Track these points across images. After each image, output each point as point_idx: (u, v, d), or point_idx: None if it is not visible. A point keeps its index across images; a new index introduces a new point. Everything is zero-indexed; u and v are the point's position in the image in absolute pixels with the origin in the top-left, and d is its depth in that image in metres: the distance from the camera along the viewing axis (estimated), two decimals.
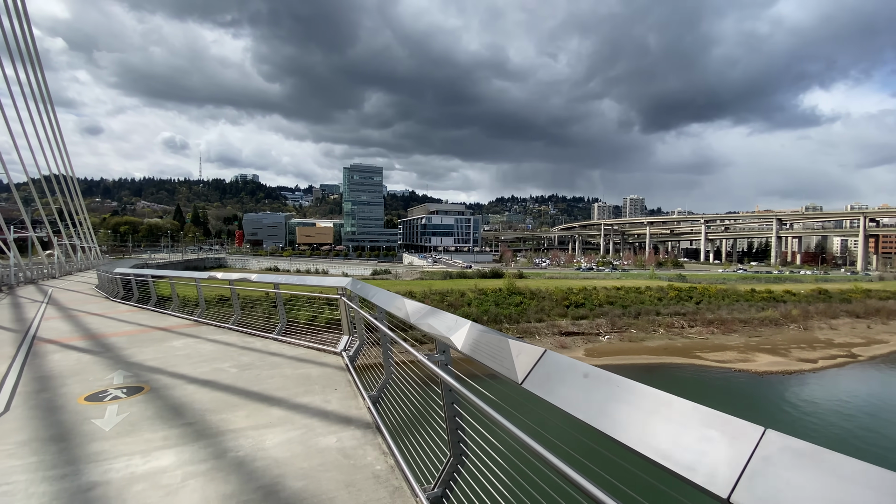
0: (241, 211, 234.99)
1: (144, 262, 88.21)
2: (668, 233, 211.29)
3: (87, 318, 11.20)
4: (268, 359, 6.57)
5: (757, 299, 76.69)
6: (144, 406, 4.61)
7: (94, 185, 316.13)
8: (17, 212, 40.70)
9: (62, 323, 10.52)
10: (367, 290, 5.09)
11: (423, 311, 3.26)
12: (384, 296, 4.38)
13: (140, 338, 8.45)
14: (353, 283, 6.19)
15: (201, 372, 5.86)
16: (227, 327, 9.40)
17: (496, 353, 2.03)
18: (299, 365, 6.17)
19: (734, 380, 48.17)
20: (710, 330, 66.12)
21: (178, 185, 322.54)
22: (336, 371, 5.82)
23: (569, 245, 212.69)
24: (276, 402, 4.63)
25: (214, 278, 10.14)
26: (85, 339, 8.53)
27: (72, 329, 9.61)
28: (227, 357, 6.71)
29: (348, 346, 6.65)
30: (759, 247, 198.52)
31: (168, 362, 6.44)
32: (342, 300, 6.63)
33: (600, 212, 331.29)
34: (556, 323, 64.06)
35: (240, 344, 7.74)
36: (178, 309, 11.88)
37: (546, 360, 1.81)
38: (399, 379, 4.30)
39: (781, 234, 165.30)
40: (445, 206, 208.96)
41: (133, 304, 14.26)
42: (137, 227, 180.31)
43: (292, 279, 8.03)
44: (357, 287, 5.70)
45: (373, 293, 4.74)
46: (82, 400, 4.86)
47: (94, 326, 9.96)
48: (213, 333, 8.82)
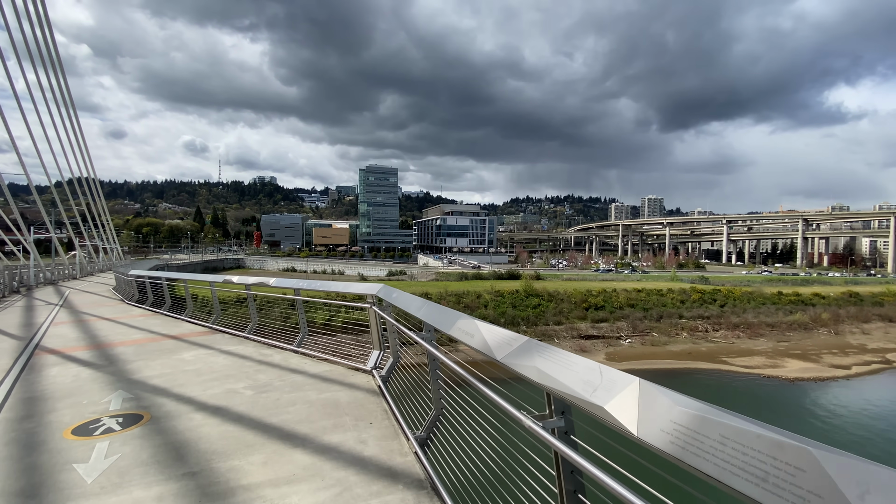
0: (259, 212, 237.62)
1: (165, 263, 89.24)
2: (688, 234, 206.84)
3: (97, 324, 10.55)
4: (288, 377, 5.73)
5: (784, 302, 74.03)
6: (140, 444, 3.77)
7: (118, 187, 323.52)
8: (48, 213, 41.21)
9: (70, 329, 9.87)
10: (408, 301, 4.21)
11: (518, 344, 2.23)
12: (436, 312, 3.48)
13: (148, 348, 7.70)
14: (385, 289, 5.32)
15: (212, 395, 5.03)
16: (242, 336, 8.61)
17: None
18: (324, 386, 5.30)
19: (764, 386, 46.22)
20: (735, 334, 63.94)
21: (198, 188, 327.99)
22: (368, 396, 4.93)
23: (585, 246, 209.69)
24: (300, 442, 3.74)
25: (230, 282, 9.38)
26: (90, 348, 7.83)
27: (78, 337, 8.95)
28: (242, 374, 5.89)
29: (379, 364, 5.78)
30: (783, 248, 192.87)
31: (175, 380, 5.64)
32: (372, 310, 5.78)
33: (617, 212, 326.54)
34: (575, 326, 62.65)
35: (256, 357, 6.93)
36: (192, 314, 11.18)
37: None
38: (454, 416, 3.39)
39: (808, 234, 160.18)
40: (460, 207, 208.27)
41: (147, 307, 13.66)
42: (159, 228, 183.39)
43: (314, 284, 7.21)
44: (392, 296, 4.82)
45: (416, 306, 3.86)
46: (69, 433, 4.06)
47: (102, 334, 9.29)
48: (228, 343, 8.03)
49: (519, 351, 2.11)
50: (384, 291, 5.29)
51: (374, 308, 5.68)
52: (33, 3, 23.27)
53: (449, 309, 3.31)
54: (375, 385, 5.30)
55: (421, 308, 3.73)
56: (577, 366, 1.71)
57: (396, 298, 4.61)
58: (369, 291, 5.73)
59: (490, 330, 2.56)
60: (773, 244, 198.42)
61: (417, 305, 3.83)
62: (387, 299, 5.06)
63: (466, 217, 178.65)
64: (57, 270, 33.87)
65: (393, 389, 4.92)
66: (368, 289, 5.77)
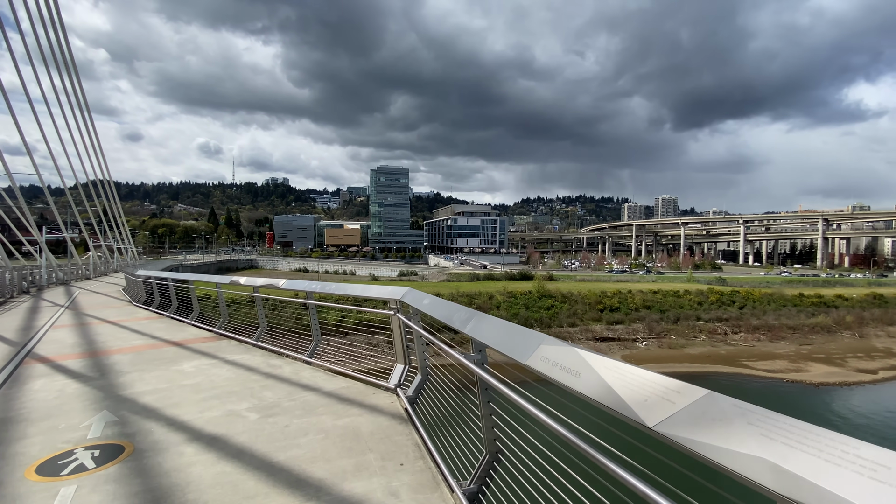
0: (271, 213, 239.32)
1: (179, 264, 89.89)
2: (703, 234, 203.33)
3: (99, 328, 9.91)
4: (298, 395, 4.93)
5: (806, 304, 71.90)
6: (114, 490, 2.98)
7: (135, 189, 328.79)
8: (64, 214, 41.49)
9: (69, 334, 9.24)
10: (447, 311, 3.38)
11: (692, 400, 1.37)
12: (497, 330, 2.62)
13: (147, 356, 6.98)
14: (411, 294, 4.53)
15: (209, 418, 4.26)
16: (250, 342, 7.87)
17: None
18: (341, 409, 4.49)
19: (787, 391, 44.66)
20: (755, 337, 62.11)
21: (212, 189, 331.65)
22: (393, 422, 4.11)
23: (598, 246, 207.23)
24: (314, 492, 2.89)
25: (237, 284, 8.65)
26: (85, 356, 7.14)
27: (76, 342, 8.29)
28: (246, 390, 5.12)
29: (404, 381, 4.98)
30: (802, 248, 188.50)
31: (170, 398, 4.88)
32: (396, 317, 4.96)
33: (630, 212, 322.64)
34: (589, 328, 61.45)
35: (263, 368, 6.16)
36: (198, 318, 10.50)
37: None
38: (515, 462, 2.55)
39: (828, 234, 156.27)
40: (471, 208, 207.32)
41: (153, 309, 13.06)
42: (174, 229, 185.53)
43: (329, 287, 6.41)
44: (422, 303, 4.00)
45: (461, 318, 2.96)
46: (32, 472, 3.29)
47: (101, 339, 8.63)
48: (234, 351, 7.28)
49: (696, 414, 1.26)
50: (411, 296, 4.48)
51: (399, 316, 4.86)
52: (47, 8, 23.04)
53: (517, 326, 2.47)
54: (401, 407, 4.49)
55: (469, 322, 2.86)
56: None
57: (429, 306, 3.79)
58: (393, 296, 4.91)
59: (616, 368, 1.62)
60: (791, 245, 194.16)
61: (463, 317, 2.96)
62: (414, 306, 4.26)
63: (477, 217, 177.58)
64: (70, 271, 33.76)
65: (423, 414, 4.10)
66: (391, 293, 4.96)
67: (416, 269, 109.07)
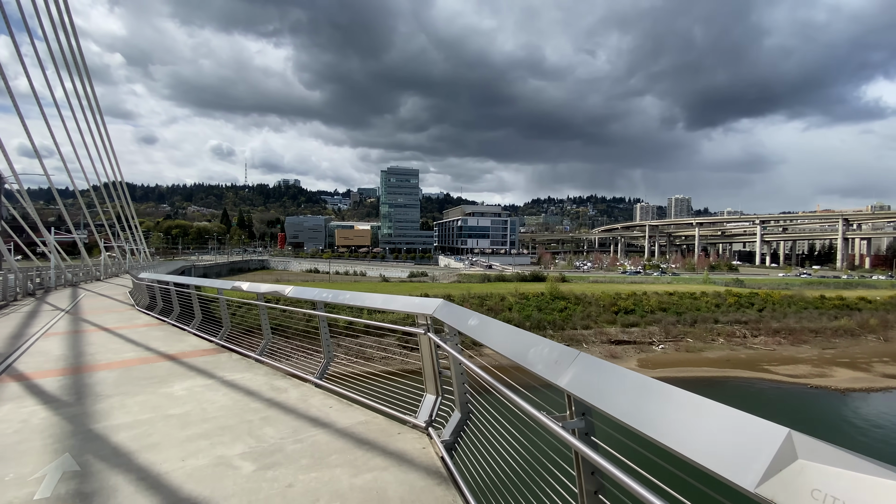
0: (283, 214, 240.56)
1: (191, 265, 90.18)
2: (718, 234, 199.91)
3: (92, 337, 9.10)
4: (306, 433, 3.98)
5: (828, 307, 69.76)
6: None
7: (150, 191, 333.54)
8: (78, 216, 41.58)
9: (59, 344, 8.43)
10: (520, 344, 2.37)
11: None
12: (606, 378, 1.60)
13: (135, 374, 6.11)
14: (445, 309, 3.67)
15: (192, 470, 3.32)
16: (253, 357, 6.97)
17: None
18: (360, 456, 3.50)
19: (813, 397, 42.97)
20: (776, 340, 60.26)
21: (225, 191, 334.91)
22: (429, 482, 3.09)
23: (610, 247, 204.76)
24: None
25: (239, 290, 7.78)
26: (67, 372, 6.30)
27: (62, 355, 7.46)
28: (243, 425, 4.18)
29: (437, 416, 4.06)
30: (821, 249, 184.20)
31: (149, 436, 3.96)
32: (426, 337, 3.97)
33: (643, 213, 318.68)
34: (604, 330, 60.17)
35: (266, 393, 5.24)
36: (199, 326, 9.67)
37: None
38: None
39: (848, 235, 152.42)
40: (482, 208, 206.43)
41: (155, 315, 12.29)
42: (188, 230, 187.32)
43: (343, 296, 5.49)
44: (466, 324, 3.04)
45: (550, 359, 1.95)
46: None
47: (91, 350, 7.80)
48: (234, 368, 6.38)
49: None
50: (446, 312, 3.54)
51: (431, 336, 3.87)
52: (58, 12, 22.71)
53: (651, 380, 1.50)
54: (436, 454, 3.52)
55: (566, 369, 1.91)
56: None
57: (477, 329, 2.83)
58: (422, 310, 3.97)
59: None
60: (809, 245, 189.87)
61: (552, 358, 2.01)
62: (453, 325, 3.32)
63: (488, 218, 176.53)
64: (80, 272, 33.49)
65: (467, 468, 3.13)
66: (420, 306, 4.03)
67: (426, 270, 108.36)
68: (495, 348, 2.46)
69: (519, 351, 2.24)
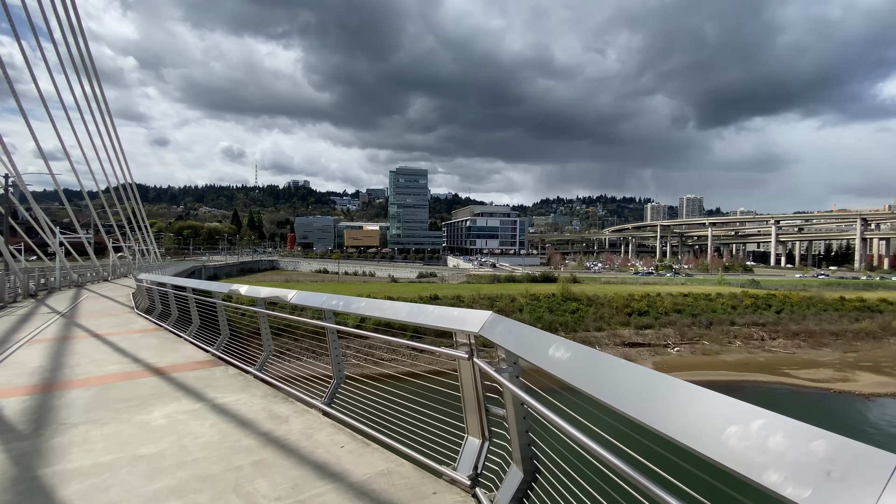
0: (293, 215, 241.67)
1: (202, 265, 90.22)
2: (731, 234, 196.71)
3: (79, 346, 8.37)
4: (311, 492, 3.07)
5: (848, 309, 67.81)
6: None
7: (163, 192, 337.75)
8: (89, 217, 41.59)
9: (40, 353, 7.70)
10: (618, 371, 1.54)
11: None
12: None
13: (113, 394, 5.30)
14: (500, 325, 2.73)
15: None
16: (252, 372, 6.16)
17: None
18: None
19: (837, 403, 41.45)
20: (795, 343, 58.58)
21: (235, 192, 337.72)
22: None
23: (621, 248, 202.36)
24: None
25: (237, 293, 6.95)
26: (38, 390, 5.51)
27: (39, 367, 6.71)
28: (230, 474, 3.33)
29: (485, 469, 3.13)
30: (838, 249, 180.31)
31: (108, 488, 3.08)
32: (471, 364, 3.03)
33: (654, 213, 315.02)
34: (617, 332, 58.97)
35: (262, 423, 4.40)
36: (196, 332, 8.90)
37: None
38: None
39: (866, 235, 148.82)
40: (491, 208, 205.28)
41: (152, 319, 11.61)
42: (199, 230, 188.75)
43: (358, 304, 4.46)
44: (548, 355, 2.04)
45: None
46: None
47: (73, 361, 7.05)
48: (228, 387, 5.56)
49: None
50: (501, 330, 2.67)
51: (477, 363, 2.95)
52: (66, 16, 22.36)
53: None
54: None
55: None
56: None
57: (565, 365, 1.90)
58: (463, 326, 2.96)
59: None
60: (826, 246, 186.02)
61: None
62: (512, 349, 2.43)
63: (497, 218, 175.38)
64: (86, 273, 33.19)
65: None
66: (461, 321, 3.02)
67: (435, 271, 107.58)
68: (622, 408, 1.53)
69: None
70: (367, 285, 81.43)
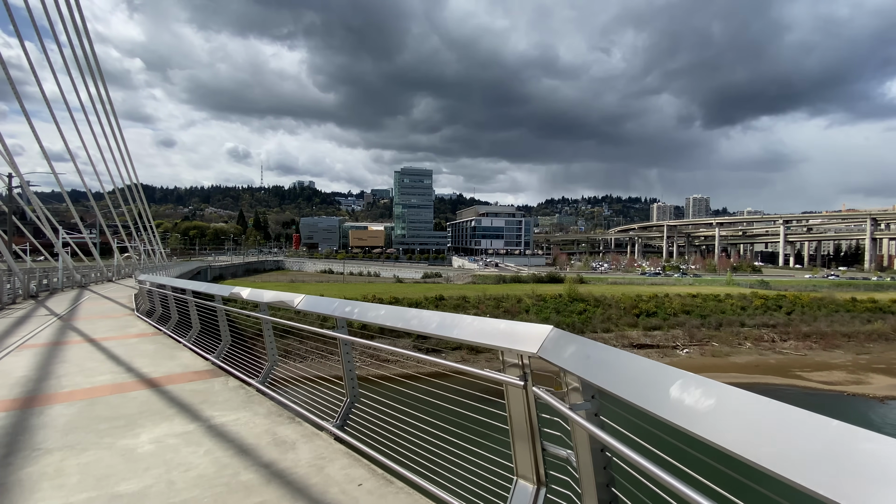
0: (298, 215, 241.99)
1: (208, 265, 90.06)
2: (739, 235, 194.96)
3: (71, 352, 7.85)
4: None
5: (860, 310, 66.76)
6: None
7: (169, 193, 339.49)
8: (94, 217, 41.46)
9: (28, 361, 7.18)
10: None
11: None
12: None
13: (100, 409, 4.74)
14: (569, 344, 2.09)
15: None
16: (254, 386, 5.60)
17: None
18: None
19: (851, 406, 40.60)
20: (807, 345, 57.61)
21: (241, 192, 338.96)
22: None
23: (627, 248, 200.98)
24: None
25: (239, 297, 6.38)
26: (16, 405, 4.96)
27: (23, 377, 6.18)
28: None
29: None
30: (847, 250, 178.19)
31: None
32: (521, 391, 2.41)
33: (660, 213, 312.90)
34: (625, 333, 58.29)
35: (265, 452, 3.76)
36: (196, 338, 8.36)
37: None
38: None
39: (876, 235, 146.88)
40: (496, 209, 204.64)
41: (152, 322, 11.13)
42: (205, 231, 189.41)
43: (377, 312, 3.77)
44: (618, 379, 1.49)
45: None
46: None
47: (62, 370, 6.52)
48: (227, 402, 4.99)
49: None
50: (572, 352, 2.05)
51: (535, 392, 2.35)
52: (71, 18, 22.05)
53: None
54: None
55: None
56: None
57: (702, 412, 1.26)
58: (514, 345, 2.34)
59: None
60: (835, 246, 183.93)
61: None
62: (590, 379, 1.80)
63: (502, 218, 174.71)
64: (89, 273, 32.92)
65: None
66: (511, 336, 2.40)
67: (440, 271, 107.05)
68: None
69: None
70: (372, 286, 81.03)
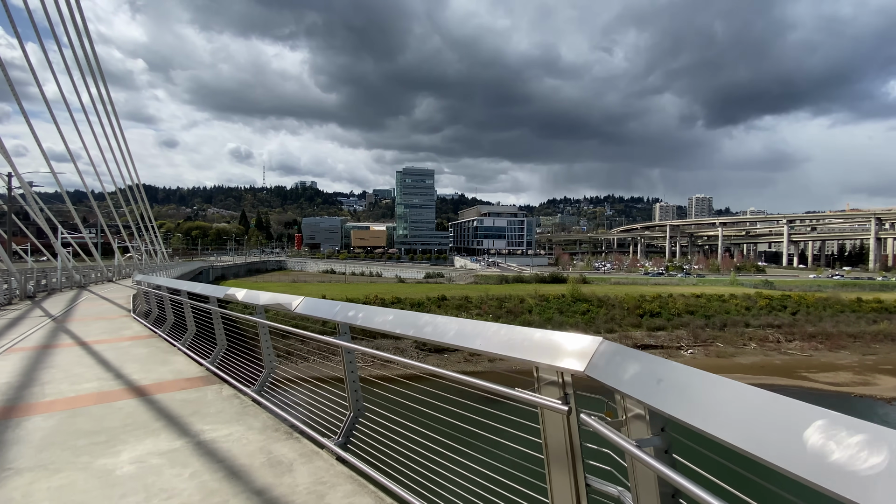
0: (300, 216, 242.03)
1: (210, 265, 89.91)
2: (742, 234, 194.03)
3: (60, 357, 7.48)
4: None
5: (865, 310, 66.22)
6: None
7: (171, 193, 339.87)
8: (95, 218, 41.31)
9: (14, 365, 6.81)
10: None
11: None
12: None
13: (80, 422, 4.35)
14: (622, 360, 1.69)
15: None
16: (249, 395, 5.22)
17: None
18: None
19: (858, 407, 40.06)
20: (812, 345, 57.07)
21: (243, 193, 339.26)
22: None
23: (629, 248, 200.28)
24: None
25: (233, 299, 6.01)
26: None
27: (4, 384, 5.79)
28: None
29: None
30: (852, 250, 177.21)
31: None
32: (560, 417, 1.96)
33: (662, 212, 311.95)
34: (628, 334, 57.85)
35: (258, 475, 3.30)
36: (191, 341, 8.00)
37: None
38: None
39: (881, 235, 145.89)
40: (498, 208, 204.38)
41: (147, 324, 10.80)
42: (207, 231, 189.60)
43: (384, 317, 3.35)
44: (702, 412, 1.18)
45: None
46: None
47: (46, 377, 6.14)
48: (220, 414, 4.59)
49: None
50: (631, 372, 1.63)
51: (584, 418, 1.84)
52: (71, 18, 21.82)
53: None
54: None
55: None
56: None
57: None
58: (555, 361, 1.91)
59: None
60: (839, 246, 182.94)
61: None
62: (660, 407, 1.43)
63: (504, 218, 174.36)
64: (92, 273, 32.66)
65: None
66: (550, 351, 1.96)
67: (442, 271, 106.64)
68: None
69: None
70: (375, 286, 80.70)
